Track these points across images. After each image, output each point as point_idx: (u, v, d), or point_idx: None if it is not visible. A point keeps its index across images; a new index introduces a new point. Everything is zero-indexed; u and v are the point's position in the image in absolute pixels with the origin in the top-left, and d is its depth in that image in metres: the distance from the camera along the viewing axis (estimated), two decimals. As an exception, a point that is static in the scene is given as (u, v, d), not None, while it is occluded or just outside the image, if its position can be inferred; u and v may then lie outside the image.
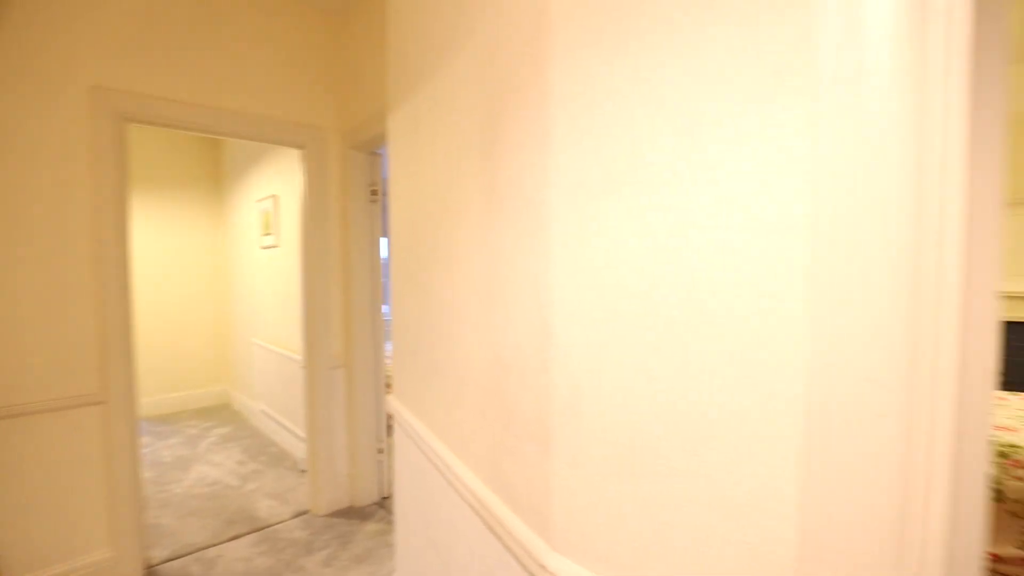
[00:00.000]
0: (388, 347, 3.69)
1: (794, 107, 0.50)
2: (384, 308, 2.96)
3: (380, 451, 2.92)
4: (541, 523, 0.81)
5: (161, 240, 4.65)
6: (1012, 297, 3.31)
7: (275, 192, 3.82)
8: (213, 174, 4.92)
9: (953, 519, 0.52)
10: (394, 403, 1.73)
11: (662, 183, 0.61)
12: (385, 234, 2.30)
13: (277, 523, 2.68)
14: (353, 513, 2.79)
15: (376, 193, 2.82)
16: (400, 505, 1.75)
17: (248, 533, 2.57)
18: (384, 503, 2.90)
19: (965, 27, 0.45)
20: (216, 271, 4.95)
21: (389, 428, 2.93)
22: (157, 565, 2.31)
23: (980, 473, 0.55)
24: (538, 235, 0.79)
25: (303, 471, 3.30)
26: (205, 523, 2.68)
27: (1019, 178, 3.25)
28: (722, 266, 0.56)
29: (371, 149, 2.73)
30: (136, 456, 2.19)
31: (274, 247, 3.88)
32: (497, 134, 0.93)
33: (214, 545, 2.46)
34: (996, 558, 1.90)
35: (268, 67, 2.51)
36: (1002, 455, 1.91)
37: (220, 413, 4.68)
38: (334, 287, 2.79)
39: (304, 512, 2.80)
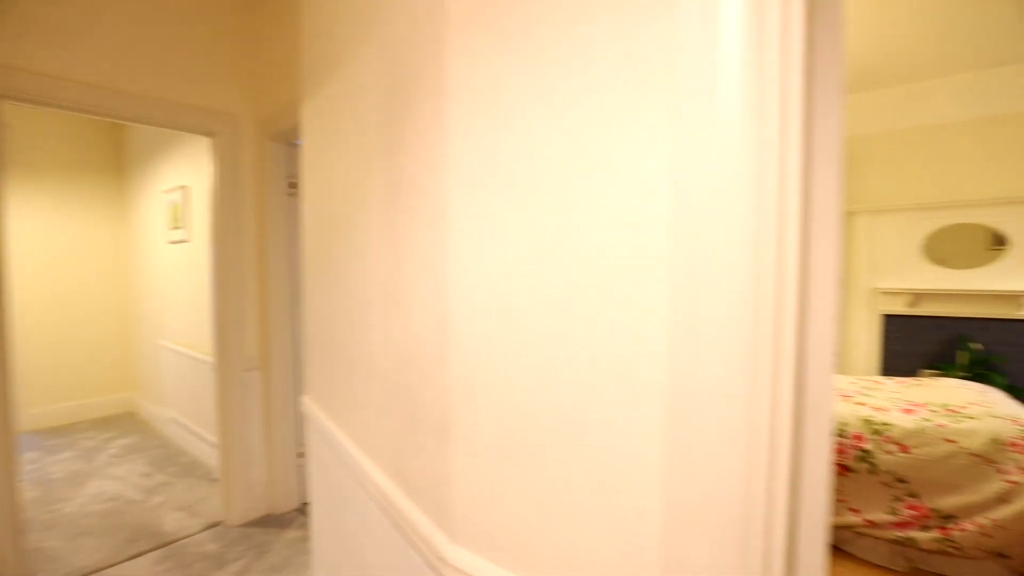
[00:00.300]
0: (312, 347, 3.54)
1: (661, 115, 0.53)
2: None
3: (301, 455, 2.80)
4: (442, 515, 0.81)
5: (50, 232, 4.18)
6: (890, 293, 3.73)
7: (185, 182, 3.55)
8: (114, 161, 4.48)
9: (796, 487, 0.57)
10: (307, 403, 1.67)
11: (550, 181, 0.63)
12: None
13: (185, 537, 2.50)
14: (271, 521, 2.66)
15: (295, 186, 2.69)
16: (316, 509, 1.69)
17: (151, 550, 2.38)
18: (305, 509, 2.78)
19: (799, 47, 0.50)
20: (118, 267, 4.53)
21: (311, 431, 2.81)
22: (40, 593, 2.08)
23: (823, 445, 0.61)
24: (437, 229, 0.79)
25: (216, 480, 3.09)
26: (101, 543, 2.45)
27: (895, 189, 3.66)
28: (601, 261, 0.58)
29: (290, 140, 2.60)
30: (13, 474, 1.96)
31: (184, 241, 3.61)
32: (400, 128, 0.91)
33: (111, 566, 2.26)
34: (870, 523, 2.13)
35: (174, 47, 2.33)
36: (876, 432, 2.14)
37: (124, 423, 4.29)
38: (249, 284, 2.64)
39: (216, 523, 2.63)
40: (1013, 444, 1.92)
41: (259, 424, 2.70)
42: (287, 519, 2.69)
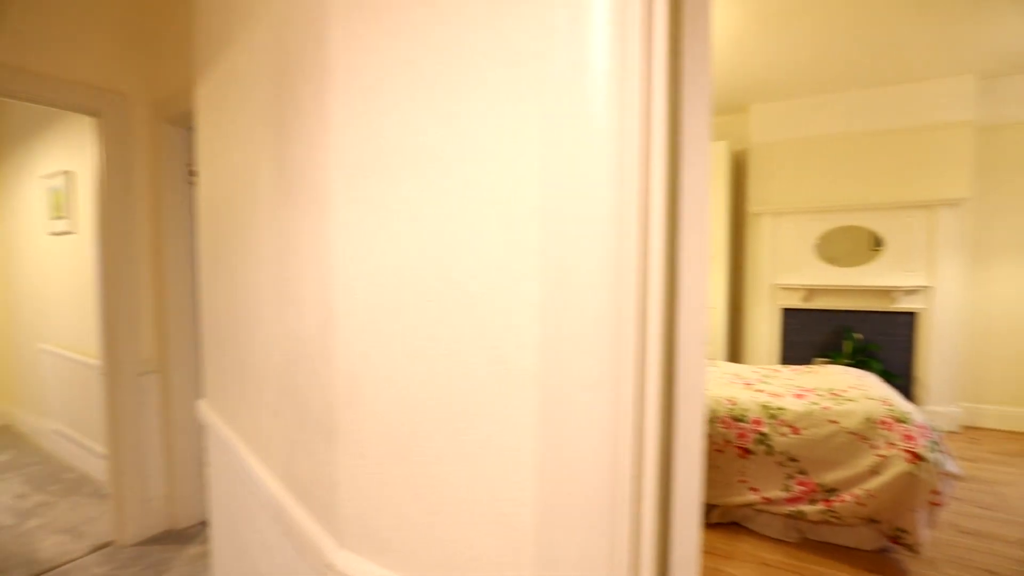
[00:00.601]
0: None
1: (532, 104, 0.53)
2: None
3: (206, 465, 2.60)
4: (331, 520, 0.78)
5: None
6: (788, 289, 4.07)
7: (68, 167, 3.18)
8: (-19, 141, 3.93)
9: (668, 476, 0.60)
10: (203, 407, 1.55)
11: (431, 170, 0.62)
12: (204, 220, 2.03)
13: (67, 562, 2.24)
14: (171, 538, 2.45)
15: (196, 173, 2.49)
16: (215, 521, 1.57)
17: (23, 580, 2.11)
18: (212, 522, 2.59)
19: (663, 45, 0.51)
20: (-13, 262, 3.98)
21: (218, 438, 2.62)
22: None
23: (695, 434, 0.64)
24: (320, 219, 0.75)
25: (108, 496, 2.80)
26: (-42, 576, 2.14)
27: (794, 193, 3.99)
28: (479, 251, 0.58)
29: (189, 124, 2.40)
30: None
31: (68, 233, 3.23)
32: (288, 113, 0.86)
33: (-30, 601, 1.98)
34: (768, 500, 2.30)
35: (53, 15, 2.06)
36: (772, 417, 2.32)
37: (-5, 438, 3.79)
38: (144, 278, 2.40)
39: (106, 544, 2.38)
40: (883, 422, 2.15)
41: (157, 432, 2.48)
42: (190, 534, 2.49)
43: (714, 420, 2.42)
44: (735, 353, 4.45)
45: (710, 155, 0.61)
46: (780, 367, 3.14)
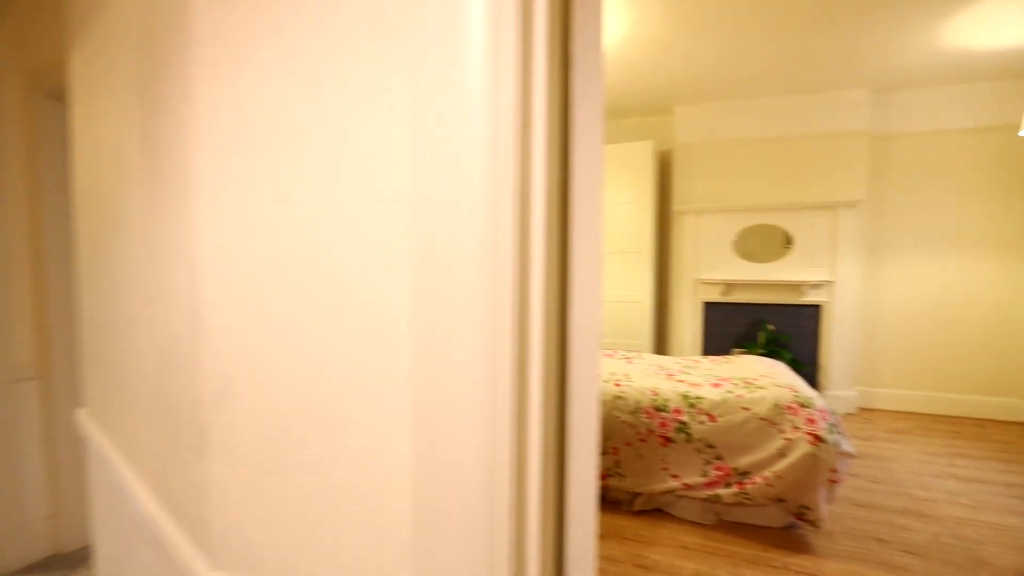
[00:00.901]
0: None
1: (404, 78, 0.48)
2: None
3: (87, 481, 2.35)
4: (204, 538, 0.70)
5: None
6: (709, 284, 4.29)
7: (-75, 145, 2.75)
8: None
9: (560, 469, 0.57)
10: (83, 417, 1.38)
11: (301, 148, 0.56)
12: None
13: (-79, 600, 1.95)
14: (57, 563, 2.20)
15: (84, 156, 2.23)
16: (99, 545, 1.41)
17: None
18: (107, 542, 2.35)
19: (544, 20, 0.49)
20: None
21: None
22: None
23: (590, 423, 0.63)
24: (187, 203, 0.67)
25: (-21, 521, 2.47)
26: None
27: (714, 192, 4.21)
28: (353, 239, 0.53)
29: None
30: None
31: (-74, 222, 2.80)
32: (153, 84, 0.76)
33: None
34: (687, 486, 2.40)
35: None
36: (691, 406, 2.42)
37: None
38: (17, 272, 2.12)
39: (-27, 576, 2.09)
40: (789, 408, 2.30)
41: (37, 446, 2.20)
42: (78, 558, 2.24)
43: (638, 411, 2.49)
44: (661, 345, 4.64)
45: (602, 140, 0.60)
46: (701, 358, 3.29)
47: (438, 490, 0.48)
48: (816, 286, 4.02)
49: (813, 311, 4.06)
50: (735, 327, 4.26)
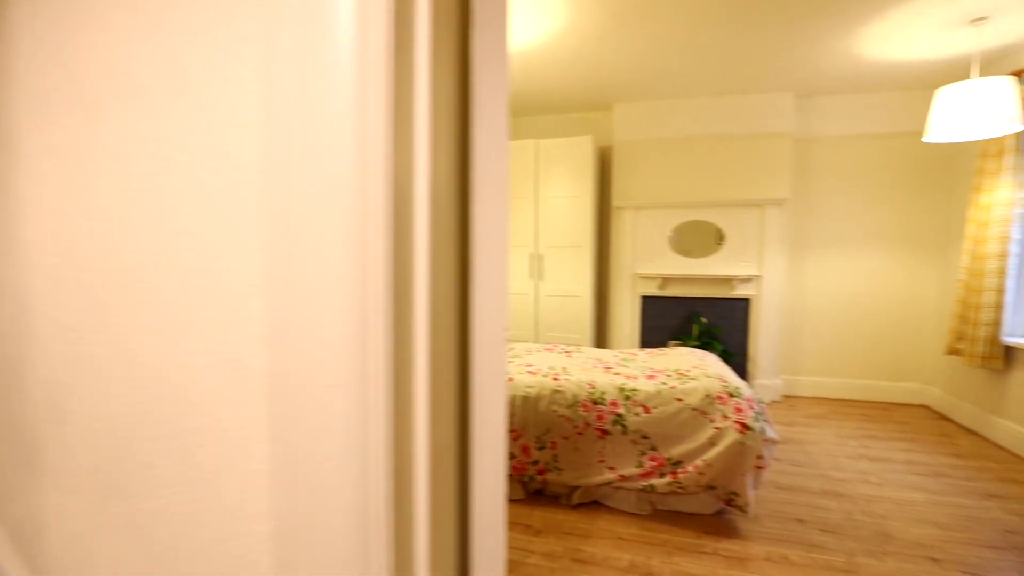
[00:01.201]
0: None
1: (257, 20, 0.40)
2: None
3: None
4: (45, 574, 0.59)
5: None
6: (647, 278, 4.39)
7: None
8: None
9: (466, 471, 0.51)
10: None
11: (142, 106, 0.46)
12: None
13: None
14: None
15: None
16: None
17: None
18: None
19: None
20: None
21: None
22: None
23: (496, 421, 0.57)
24: (8, 172, 0.55)
25: None
26: None
27: (652, 188, 4.30)
28: (200, 216, 0.44)
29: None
30: None
31: None
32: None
33: None
34: (623, 477, 2.43)
35: None
36: (627, 398, 2.45)
37: None
38: None
39: None
40: (719, 398, 2.37)
41: None
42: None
43: (576, 404, 2.49)
44: (601, 339, 4.71)
45: (506, 126, 0.54)
46: (638, 351, 3.35)
47: (301, 513, 0.41)
48: (745, 280, 4.20)
49: (743, 304, 4.24)
50: (671, 320, 4.39)
